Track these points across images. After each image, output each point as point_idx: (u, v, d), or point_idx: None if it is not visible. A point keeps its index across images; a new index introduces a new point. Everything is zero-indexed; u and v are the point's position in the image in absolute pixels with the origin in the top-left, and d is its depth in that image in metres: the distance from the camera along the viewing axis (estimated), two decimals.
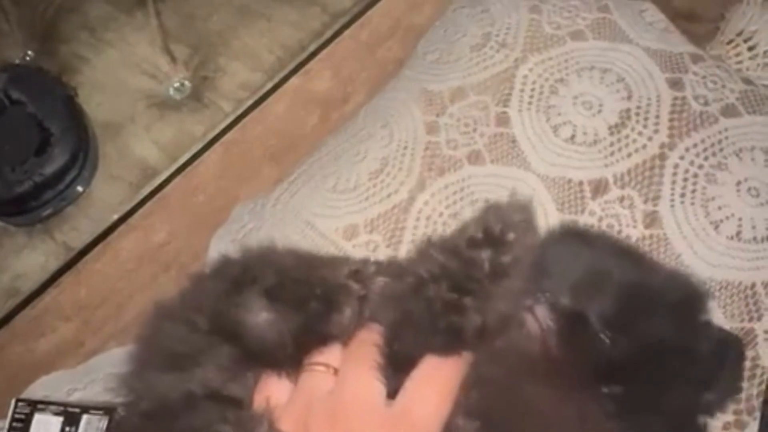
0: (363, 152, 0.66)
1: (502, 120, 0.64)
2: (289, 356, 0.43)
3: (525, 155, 0.62)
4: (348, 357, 0.43)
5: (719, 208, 0.58)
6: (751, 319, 0.55)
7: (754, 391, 0.53)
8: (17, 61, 0.90)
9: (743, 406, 0.53)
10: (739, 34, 0.72)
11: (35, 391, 0.70)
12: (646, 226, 0.58)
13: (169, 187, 0.83)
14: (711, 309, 0.47)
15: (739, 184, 0.59)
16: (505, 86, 0.65)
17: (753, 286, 0.56)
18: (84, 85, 0.88)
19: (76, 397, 0.68)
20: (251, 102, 0.85)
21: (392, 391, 0.42)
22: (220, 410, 0.41)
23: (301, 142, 0.81)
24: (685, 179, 0.59)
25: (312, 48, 0.87)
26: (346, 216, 0.63)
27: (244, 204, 0.73)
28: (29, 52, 0.90)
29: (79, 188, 0.84)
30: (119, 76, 0.89)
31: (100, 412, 0.65)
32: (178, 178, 0.83)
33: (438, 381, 0.41)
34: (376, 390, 0.41)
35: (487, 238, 0.40)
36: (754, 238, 0.57)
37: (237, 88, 0.87)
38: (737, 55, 0.71)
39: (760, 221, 0.57)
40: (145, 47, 0.90)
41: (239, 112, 0.85)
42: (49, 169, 0.81)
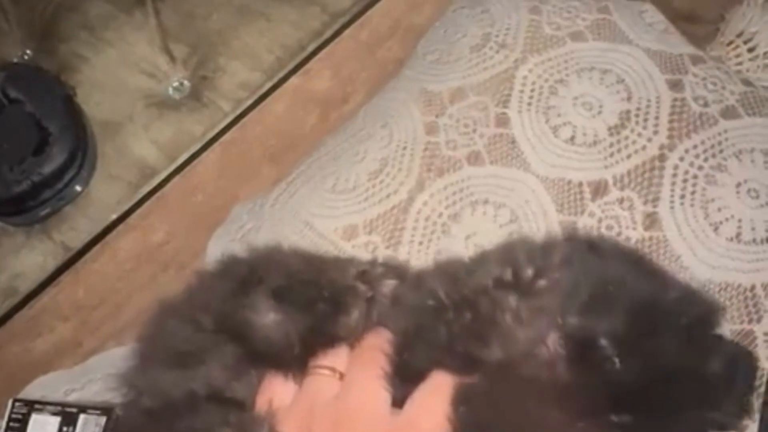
0: (362, 152, 0.66)
1: (502, 121, 0.63)
2: (295, 357, 0.43)
3: (524, 156, 0.62)
4: (355, 362, 0.43)
5: (719, 210, 0.58)
6: (750, 321, 0.55)
7: (754, 393, 0.53)
8: (16, 60, 0.90)
9: None
10: (739, 36, 0.72)
11: (33, 391, 0.70)
12: (645, 228, 0.58)
13: (167, 187, 0.83)
14: (722, 322, 0.45)
15: (738, 185, 0.59)
16: (504, 87, 0.65)
17: (753, 287, 0.56)
18: (83, 84, 0.88)
19: (73, 397, 0.68)
20: (250, 102, 0.85)
21: (398, 400, 0.41)
22: (222, 412, 0.41)
23: (301, 142, 0.81)
24: (685, 181, 0.59)
25: (312, 48, 0.87)
26: (345, 216, 0.63)
27: (243, 204, 0.73)
28: (28, 51, 0.90)
29: (78, 188, 0.83)
30: (118, 76, 0.89)
31: (98, 412, 0.65)
32: (176, 178, 0.83)
33: (448, 396, 0.40)
34: (381, 398, 0.41)
35: (517, 281, 0.40)
36: (754, 240, 0.57)
37: (236, 87, 0.87)
38: (737, 56, 0.71)
39: (760, 223, 0.57)
40: (144, 46, 0.90)
41: (238, 111, 0.85)
42: (48, 169, 0.81)
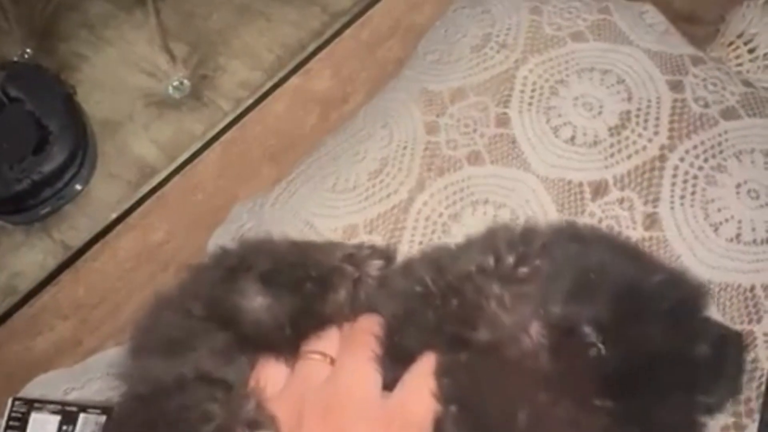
0: (362, 152, 0.66)
1: (502, 121, 0.63)
2: (286, 340, 0.44)
3: (525, 156, 0.62)
4: (345, 346, 0.43)
5: (719, 210, 0.58)
6: (750, 321, 0.55)
7: (754, 394, 0.53)
8: (16, 59, 0.90)
9: (742, 409, 0.53)
10: (739, 36, 0.72)
11: (32, 389, 0.70)
12: (645, 228, 0.58)
13: (168, 186, 0.83)
14: (709, 305, 0.46)
15: (738, 186, 0.59)
16: (505, 87, 0.65)
17: (752, 288, 0.56)
18: (83, 83, 0.88)
19: (73, 396, 0.68)
20: (251, 101, 0.85)
21: (389, 383, 0.42)
22: (210, 391, 0.41)
23: (301, 141, 0.81)
24: (685, 181, 0.59)
25: (312, 47, 0.87)
26: (345, 216, 0.63)
27: (243, 203, 0.73)
28: (28, 50, 0.90)
29: (78, 187, 0.83)
30: (118, 75, 0.89)
31: (98, 410, 0.65)
32: (177, 177, 0.83)
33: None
34: (372, 381, 0.42)
35: (499, 269, 0.41)
36: (754, 241, 0.57)
37: (236, 87, 0.87)
38: (737, 57, 0.71)
39: (760, 223, 0.57)
40: (144, 45, 0.90)
41: (239, 111, 0.85)
42: (48, 168, 0.81)
